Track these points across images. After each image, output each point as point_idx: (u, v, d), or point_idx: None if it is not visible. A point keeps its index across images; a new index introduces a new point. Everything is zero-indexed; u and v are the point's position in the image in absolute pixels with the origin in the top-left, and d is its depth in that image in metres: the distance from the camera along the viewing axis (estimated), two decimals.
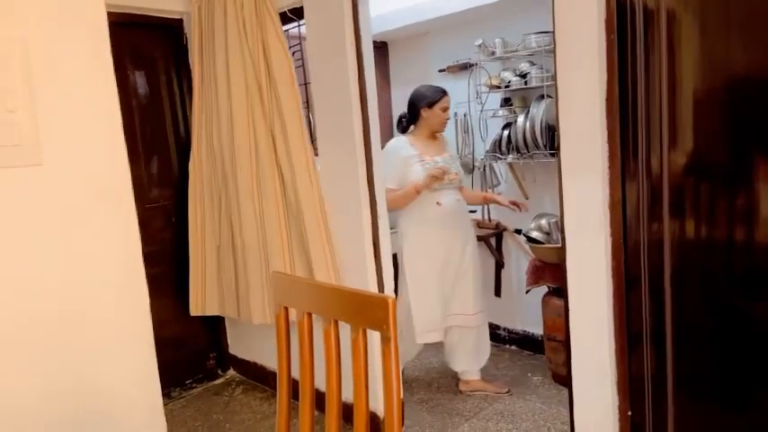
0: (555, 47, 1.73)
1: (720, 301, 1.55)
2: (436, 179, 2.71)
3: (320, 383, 1.03)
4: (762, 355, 1.48)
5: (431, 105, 2.82)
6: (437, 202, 2.78)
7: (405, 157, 2.77)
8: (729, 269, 1.53)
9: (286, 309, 1.10)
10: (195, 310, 3.01)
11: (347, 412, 1.00)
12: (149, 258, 3.07)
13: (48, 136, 1.35)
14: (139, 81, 3.02)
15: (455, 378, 3.04)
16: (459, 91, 3.51)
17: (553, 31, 1.73)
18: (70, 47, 1.42)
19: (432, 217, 2.78)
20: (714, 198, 1.54)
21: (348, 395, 0.97)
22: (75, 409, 1.38)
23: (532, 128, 2.98)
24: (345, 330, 0.99)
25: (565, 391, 2.12)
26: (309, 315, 1.05)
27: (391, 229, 2.66)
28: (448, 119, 2.90)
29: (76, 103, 1.44)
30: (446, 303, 2.83)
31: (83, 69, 1.45)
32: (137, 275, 1.54)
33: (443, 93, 2.85)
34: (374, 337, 0.95)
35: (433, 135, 2.90)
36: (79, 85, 1.45)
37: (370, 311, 0.89)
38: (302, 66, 2.72)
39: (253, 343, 3.19)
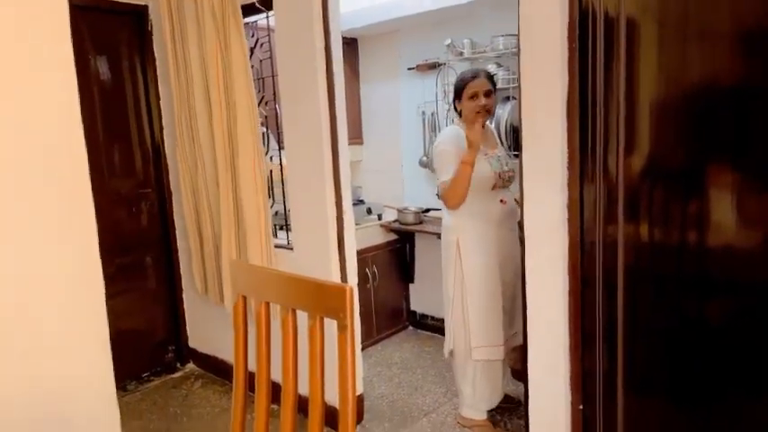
0: (519, 50, 1.77)
1: (670, 302, 1.61)
2: (477, 143, 2.31)
3: (277, 375, 1.04)
4: (707, 354, 1.55)
5: (459, 97, 2.46)
6: (501, 200, 2.46)
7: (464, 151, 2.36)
8: (680, 271, 1.59)
9: (244, 297, 1.10)
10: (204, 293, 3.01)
11: (304, 401, 1.01)
12: (110, 249, 3.03)
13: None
14: (102, 67, 2.95)
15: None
16: (427, 90, 3.55)
17: (518, 35, 1.77)
18: (29, 30, 1.38)
19: (494, 215, 2.44)
20: (667, 202, 1.59)
21: (306, 384, 0.98)
22: (25, 399, 1.35)
23: (497, 129, 3.03)
24: (304, 320, 1.00)
25: (521, 386, 2.17)
26: (267, 304, 1.05)
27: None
28: (482, 106, 2.38)
29: (33, 89, 1.40)
30: (508, 317, 2.48)
31: (41, 55, 1.41)
32: (92, 267, 1.51)
33: (472, 77, 2.43)
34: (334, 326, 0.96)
35: (484, 126, 2.44)
36: (36, 70, 1.41)
37: (328, 299, 0.90)
38: (270, 57, 2.70)
39: (213, 336, 3.16)
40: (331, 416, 1.90)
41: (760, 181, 1.41)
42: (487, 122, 2.56)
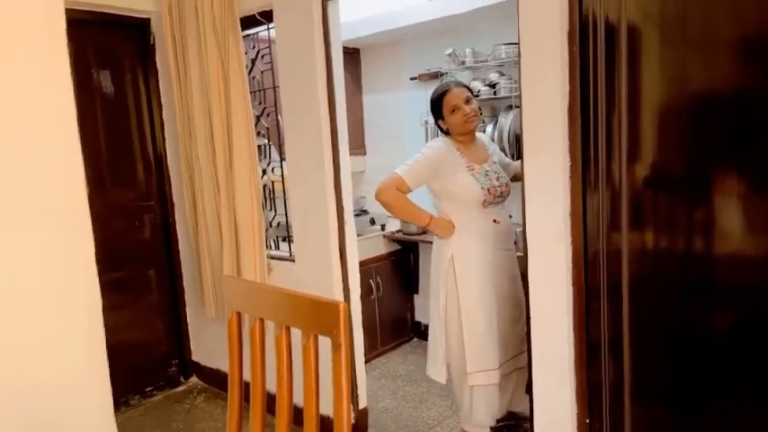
0: (520, 57, 1.75)
1: (676, 311, 1.58)
2: (448, 234, 2.33)
3: (274, 386, 1.02)
4: (715, 362, 1.51)
5: (440, 116, 2.38)
6: (494, 219, 2.34)
7: (452, 165, 2.30)
8: (685, 279, 1.56)
9: (239, 314, 1.08)
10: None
11: (301, 417, 0.99)
12: (111, 262, 3.03)
13: None
14: (104, 80, 2.96)
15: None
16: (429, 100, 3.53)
17: (518, 43, 1.75)
18: (25, 44, 1.37)
19: (488, 234, 2.33)
20: (672, 210, 1.57)
21: (301, 399, 0.96)
22: (19, 415, 1.33)
23: (500, 137, 3.01)
24: (299, 335, 0.98)
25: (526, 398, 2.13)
26: (262, 321, 1.03)
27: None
28: (468, 115, 2.29)
29: (29, 101, 1.39)
30: (505, 340, 2.39)
31: (37, 67, 1.40)
32: (89, 280, 1.50)
33: (443, 92, 2.35)
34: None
35: (473, 137, 2.40)
36: (33, 83, 1.40)
37: (321, 317, 0.88)
38: (271, 69, 2.70)
39: (216, 350, 3.14)
40: (329, 428, 1.87)
41: (765, 187, 1.39)
42: (478, 134, 2.50)
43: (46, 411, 1.37)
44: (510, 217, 2.46)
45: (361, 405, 2.63)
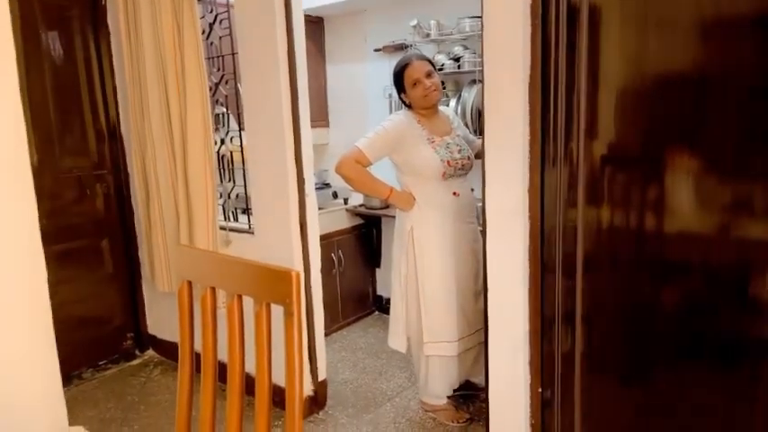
0: (482, 30, 1.74)
1: (627, 285, 1.63)
2: (408, 207, 2.36)
3: (225, 358, 1.00)
4: (663, 336, 1.57)
5: (402, 89, 2.38)
6: (454, 192, 2.35)
7: (413, 137, 2.30)
8: (637, 255, 1.60)
9: (189, 283, 1.05)
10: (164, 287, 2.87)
11: (254, 387, 0.97)
12: (62, 232, 2.92)
13: None
14: (53, 42, 2.81)
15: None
16: None
17: (481, 16, 1.74)
18: None
19: (447, 208, 2.34)
20: (627, 187, 1.60)
21: (253, 369, 0.95)
22: None
23: (463, 112, 3.01)
24: (252, 305, 0.96)
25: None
26: (213, 290, 1.01)
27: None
28: (429, 89, 2.29)
29: None
30: (467, 314, 2.40)
31: None
32: (32, 250, 1.43)
33: (404, 65, 2.34)
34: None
35: (435, 110, 2.40)
36: None
37: (274, 285, 0.86)
38: (230, 35, 2.61)
39: (172, 322, 3.08)
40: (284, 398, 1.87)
41: (715, 167, 1.43)
42: (442, 107, 2.51)
43: None
44: (472, 190, 2.47)
45: (321, 377, 2.64)
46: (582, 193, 1.65)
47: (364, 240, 3.72)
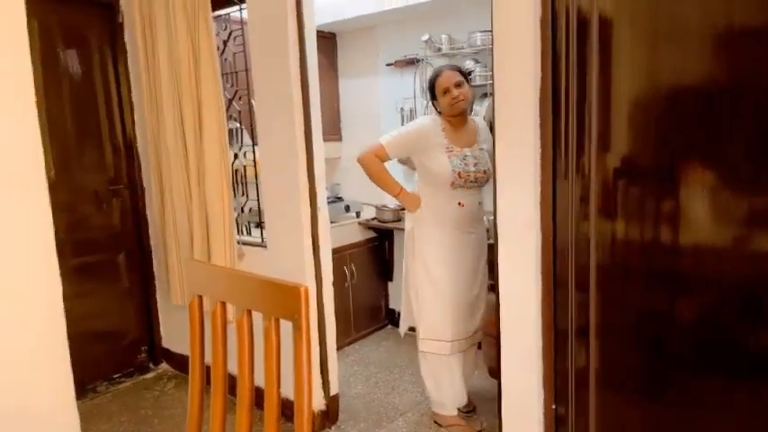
0: (493, 45, 1.75)
1: (642, 299, 1.61)
2: (413, 208, 2.46)
3: (235, 372, 1.00)
4: (679, 352, 1.55)
5: (434, 96, 2.45)
6: (459, 202, 2.41)
7: (433, 143, 2.38)
8: (652, 268, 1.58)
9: (200, 297, 1.06)
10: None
11: (262, 401, 0.98)
12: (79, 246, 2.96)
13: None
14: (71, 60, 2.87)
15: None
16: (405, 86, 3.52)
17: (491, 29, 1.75)
18: None
19: (449, 217, 2.41)
20: (640, 200, 1.58)
21: (262, 383, 0.95)
22: None
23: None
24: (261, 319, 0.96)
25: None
26: (223, 304, 1.01)
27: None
28: (456, 98, 2.36)
29: None
30: (460, 318, 2.47)
31: None
32: (49, 264, 1.45)
33: (437, 74, 2.43)
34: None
35: (463, 120, 2.46)
36: None
37: (283, 300, 0.86)
38: (244, 51, 2.65)
39: (185, 336, 3.09)
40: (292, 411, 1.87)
41: (731, 179, 1.41)
42: (473, 117, 2.59)
43: (2, 398, 1.33)
44: (480, 204, 2.50)
45: (333, 391, 2.63)
46: (594, 206, 1.64)
47: (377, 253, 3.72)
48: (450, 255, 2.42)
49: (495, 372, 2.89)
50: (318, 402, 2.57)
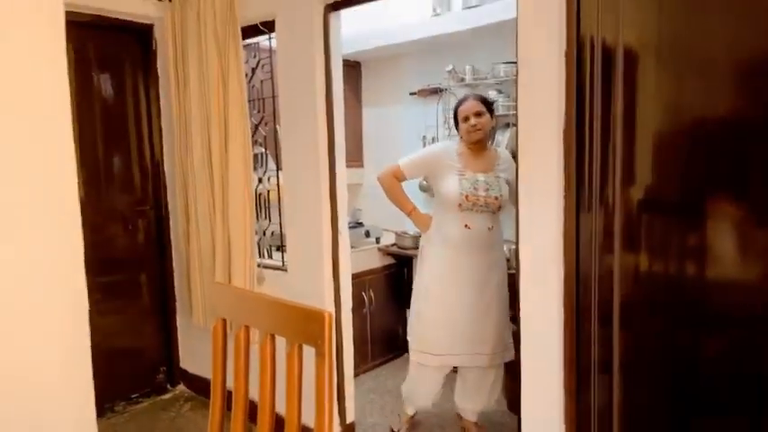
0: (517, 77, 1.76)
1: (667, 336, 1.57)
2: (423, 227, 2.61)
3: (256, 397, 1.00)
4: (704, 390, 1.50)
5: (456, 120, 2.56)
6: (465, 225, 2.46)
7: (444, 165, 2.49)
8: (677, 304, 1.56)
9: (224, 320, 1.07)
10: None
11: (283, 427, 0.97)
12: (104, 265, 3.01)
13: None
14: (104, 84, 2.97)
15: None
16: (428, 115, 3.56)
17: (516, 61, 1.77)
18: (23, 45, 1.38)
19: (455, 239, 2.47)
20: (665, 234, 1.56)
21: (285, 409, 0.94)
22: None
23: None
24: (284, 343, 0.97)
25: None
26: (247, 328, 1.02)
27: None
28: (473, 126, 2.45)
29: (23, 103, 1.39)
30: (460, 338, 2.50)
31: (34, 68, 1.41)
32: (76, 282, 1.48)
33: (461, 101, 2.55)
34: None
35: (481, 147, 2.54)
36: (28, 84, 1.40)
37: (306, 326, 0.87)
38: (271, 78, 2.71)
39: (205, 358, 3.10)
40: None
41: (758, 214, 1.39)
42: (496, 147, 2.70)
43: (25, 412, 1.35)
44: (489, 228, 2.49)
45: (349, 419, 2.60)
46: (618, 240, 1.62)
47: (395, 280, 3.70)
48: (451, 275, 2.50)
49: (514, 405, 2.84)
50: (334, 430, 2.54)
